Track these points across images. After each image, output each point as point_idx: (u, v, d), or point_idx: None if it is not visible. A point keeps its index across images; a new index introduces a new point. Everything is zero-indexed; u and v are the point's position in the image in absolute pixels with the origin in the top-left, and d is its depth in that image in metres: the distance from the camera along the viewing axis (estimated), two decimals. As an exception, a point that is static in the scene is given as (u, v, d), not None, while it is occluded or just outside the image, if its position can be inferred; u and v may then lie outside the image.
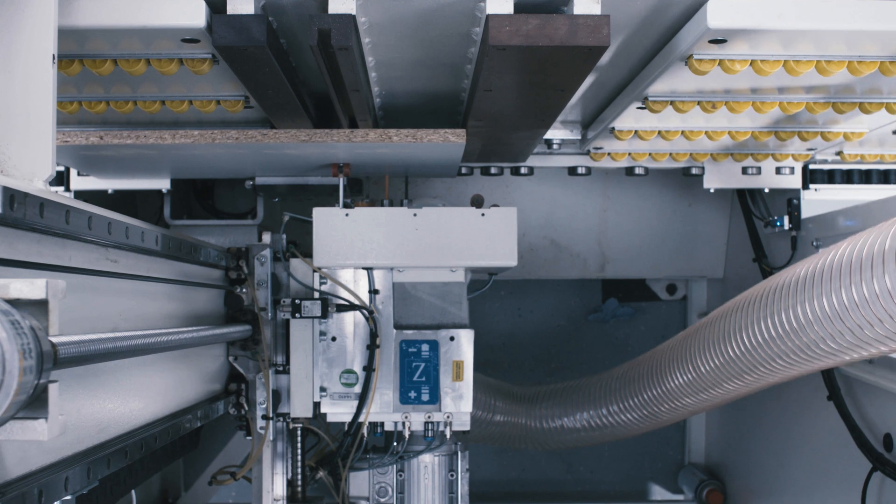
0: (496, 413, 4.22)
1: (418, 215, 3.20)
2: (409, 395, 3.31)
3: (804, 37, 2.44)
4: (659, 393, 3.51)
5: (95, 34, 2.39)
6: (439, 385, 3.29)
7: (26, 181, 1.98)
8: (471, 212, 3.21)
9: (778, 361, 2.71)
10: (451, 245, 3.20)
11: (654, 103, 3.05)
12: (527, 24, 2.25)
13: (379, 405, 3.30)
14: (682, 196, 4.85)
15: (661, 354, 3.52)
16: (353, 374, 3.32)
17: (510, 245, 3.21)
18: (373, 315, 3.30)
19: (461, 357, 3.31)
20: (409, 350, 3.31)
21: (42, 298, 1.47)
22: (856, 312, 2.27)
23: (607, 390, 3.93)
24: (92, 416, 2.15)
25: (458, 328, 3.30)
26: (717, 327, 3.00)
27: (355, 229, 3.21)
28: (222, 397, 3.35)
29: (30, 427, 1.47)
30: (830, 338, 2.41)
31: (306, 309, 3.24)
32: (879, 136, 3.65)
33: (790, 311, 2.54)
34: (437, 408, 3.30)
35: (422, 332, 3.32)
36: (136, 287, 2.50)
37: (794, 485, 4.18)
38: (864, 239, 2.27)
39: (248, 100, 3.01)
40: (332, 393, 3.34)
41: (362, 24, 2.44)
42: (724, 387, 3.10)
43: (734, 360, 2.90)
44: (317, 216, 3.21)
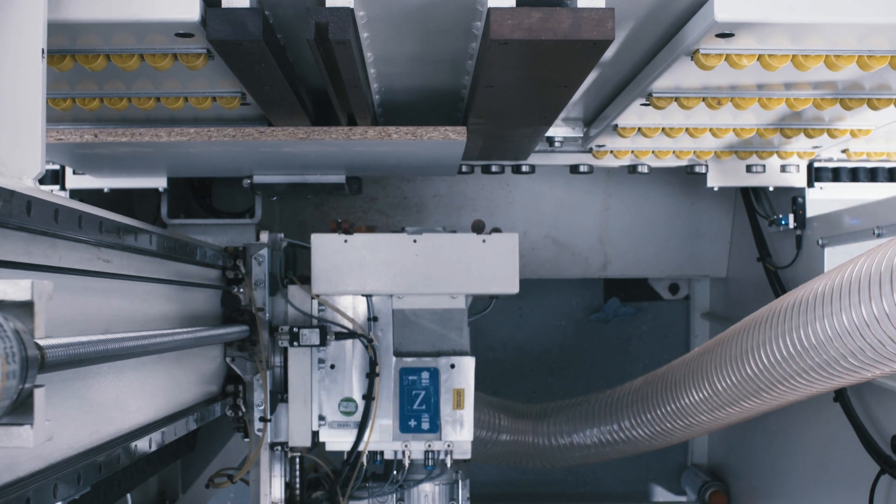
0: (502, 432, 4.17)
1: (418, 241, 3.19)
2: (409, 424, 3.29)
3: (814, 30, 2.39)
4: (673, 409, 3.46)
5: (87, 28, 2.34)
6: (440, 413, 3.28)
7: (15, 179, 1.94)
8: (471, 238, 3.20)
9: (797, 379, 2.66)
10: (451, 272, 3.19)
11: (659, 100, 3.00)
12: (529, 17, 2.20)
13: (378, 433, 3.30)
14: (685, 194, 4.81)
15: (675, 370, 3.47)
16: (352, 403, 3.31)
17: (511, 272, 3.20)
18: (372, 343, 3.28)
19: (462, 385, 3.29)
20: (409, 378, 3.30)
21: (27, 300, 1.42)
22: (875, 328, 2.23)
23: (619, 406, 3.88)
24: (83, 420, 2.10)
25: (459, 355, 3.29)
26: (735, 344, 2.96)
27: (354, 256, 3.20)
28: (219, 399, 3.30)
29: (14, 433, 1.43)
30: (851, 354, 2.37)
31: (304, 337, 3.23)
32: (886, 133, 3.60)
33: (808, 328, 2.50)
34: (438, 436, 3.28)
35: (422, 359, 3.31)
36: (130, 287, 2.46)
37: (799, 487, 4.14)
38: (880, 253, 2.24)
39: (245, 96, 2.96)
40: (331, 421, 3.32)
41: (360, 17, 2.40)
42: (740, 405, 3.06)
43: (752, 377, 2.86)
44: (315, 242, 3.21)
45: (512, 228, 4.73)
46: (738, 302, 4.88)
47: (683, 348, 5.49)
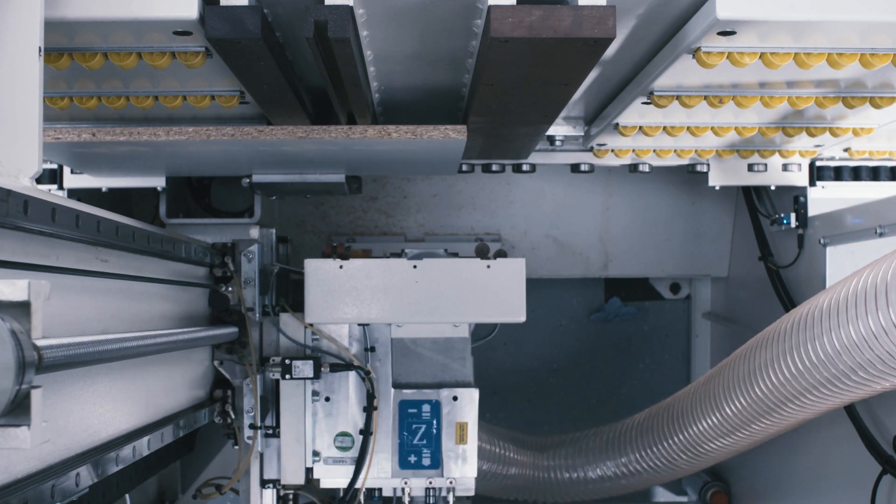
0: (510, 465, 4.05)
1: (418, 267, 3.05)
2: (408, 460, 3.15)
3: (816, 28, 2.37)
4: (681, 440, 3.43)
5: (85, 26, 2.32)
6: (441, 448, 3.14)
7: (12, 178, 1.93)
8: (475, 263, 3.06)
9: (808, 396, 2.65)
10: (453, 299, 3.04)
11: (660, 98, 2.99)
12: (530, 15, 2.18)
13: (377, 470, 3.15)
14: (687, 194, 4.80)
15: (681, 400, 3.44)
16: (348, 437, 3.17)
17: (518, 299, 3.08)
18: (369, 375, 3.14)
19: (465, 418, 3.15)
20: (409, 411, 3.16)
21: (24, 300, 1.41)
22: (884, 339, 2.22)
23: (625, 439, 3.84)
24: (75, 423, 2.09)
25: (462, 387, 3.16)
26: (742, 365, 2.94)
27: (350, 283, 3.04)
28: (207, 404, 3.19)
29: (11, 435, 1.42)
30: (861, 367, 2.36)
31: (297, 370, 3.08)
32: (888, 131, 3.59)
33: (815, 342, 2.50)
34: (440, 473, 3.15)
35: (422, 391, 3.17)
36: (127, 287, 2.44)
37: (800, 487, 4.12)
38: (885, 264, 2.24)
39: (244, 95, 2.94)
40: (326, 457, 3.17)
41: (360, 15, 2.38)
42: (750, 428, 3.04)
43: (761, 398, 2.85)
44: (309, 268, 3.05)
45: (512, 228, 4.73)
46: (739, 301, 4.87)
47: (685, 348, 5.48)
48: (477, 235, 4.63)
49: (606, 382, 5.50)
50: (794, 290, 4.06)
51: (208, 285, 3.20)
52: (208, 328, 2.97)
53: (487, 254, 3.12)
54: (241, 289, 3.21)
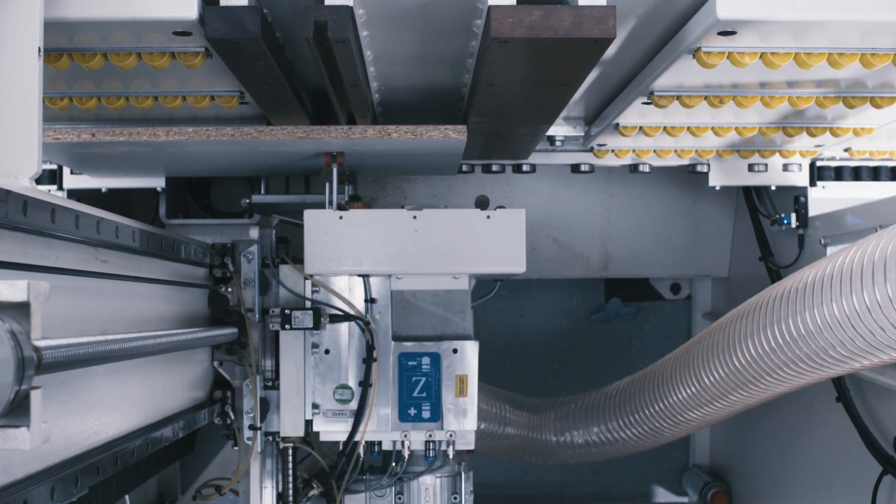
0: (507, 425, 4.05)
1: (418, 217, 3.00)
2: (408, 413, 3.11)
3: (816, 28, 2.37)
4: (661, 408, 3.43)
5: (84, 27, 2.32)
6: (441, 401, 3.10)
7: (11, 179, 1.92)
8: (475, 214, 3.02)
9: (785, 370, 2.64)
10: (453, 250, 3.00)
11: (660, 98, 2.99)
12: (530, 15, 2.18)
13: (376, 423, 3.11)
14: (687, 194, 4.80)
15: (662, 368, 3.44)
16: (348, 390, 3.12)
17: (518, 249, 3.01)
18: (369, 326, 3.09)
19: (465, 371, 3.11)
20: (409, 363, 3.11)
21: (23, 301, 1.41)
22: (866, 317, 2.22)
23: (613, 403, 3.84)
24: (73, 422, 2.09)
25: (462, 339, 3.11)
26: (722, 336, 2.92)
27: (350, 233, 3.00)
28: (206, 405, 3.16)
29: (11, 435, 1.41)
30: (840, 344, 2.35)
31: (297, 320, 3.03)
32: (888, 131, 3.59)
33: (797, 318, 2.48)
34: (439, 426, 3.11)
35: (422, 343, 3.12)
36: (127, 288, 2.44)
37: (801, 488, 4.12)
38: (873, 243, 2.23)
39: (244, 95, 2.94)
40: (326, 410, 3.12)
41: (360, 16, 2.38)
42: (728, 398, 3.03)
43: (740, 369, 2.83)
44: (308, 219, 3.01)
45: (512, 228, 4.71)
46: (739, 301, 4.82)
47: (685, 348, 5.47)
48: None
49: (607, 383, 5.44)
50: (795, 290, 4.06)
51: (208, 286, 3.18)
52: (208, 329, 2.95)
53: (487, 205, 3.06)
54: (241, 289, 3.17)
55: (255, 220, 4.18)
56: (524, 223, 3.03)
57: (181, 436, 2.82)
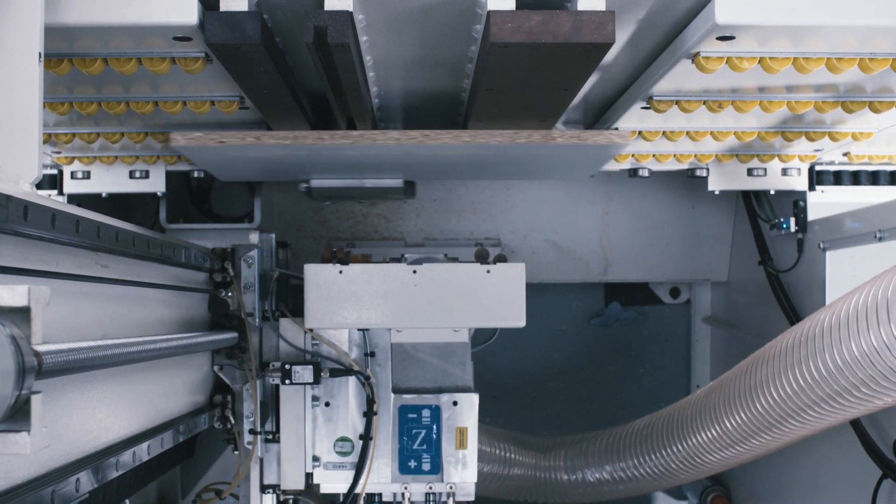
0: (513, 467, 4.04)
1: (418, 272, 3.01)
2: (408, 465, 3.15)
3: (815, 33, 2.38)
4: (680, 449, 3.43)
5: (84, 32, 2.32)
6: (441, 453, 3.13)
7: (12, 184, 1.93)
8: (475, 268, 3.03)
9: (809, 412, 2.66)
10: (453, 304, 3.01)
11: (660, 103, 2.99)
12: (529, 20, 2.18)
13: (377, 475, 3.14)
14: (686, 198, 4.80)
15: (682, 410, 3.43)
16: (348, 443, 3.16)
17: (518, 304, 3.04)
18: (369, 380, 3.12)
19: (465, 423, 3.15)
20: (409, 416, 3.15)
21: (24, 306, 1.41)
22: (887, 355, 2.22)
23: (629, 443, 3.83)
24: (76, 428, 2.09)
25: (462, 392, 3.15)
26: (744, 380, 2.94)
27: (350, 288, 3.01)
28: (207, 410, 3.18)
29: (11, 440, 1.42)
30: (863, 383, 2.36)
31: (297, 374, 3.07)
32: (887, 136, 3.59)
33: (818, 358, 2.50)
34: (440, 478, 3.14)
35: (422, 396, 3.16)
36: (127, 292, 2.44)
37: (800, 492, 4.12)
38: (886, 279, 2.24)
39: (244, 100, 2.95)
40: (326, 462, 3.16)
41: (359, 21, 2.38)
42: (750, 442, 3.04)
43: (762, 413, 2.85)
44: (308, 273, 3.02)
45: (512, 232, 4.72)
46: (739, 306, 4.86)
47: (685, 352, 5.47)
48: (477, 240, 4.63)
49: (606, 387, 5.49)
50: (794, 294, 4.06)
51: (208, 290, 3.19)
52: (208, 333, 2.96)
53: (487, 258, 3.07)
54: (241, 294, 3.19)
55: (254, 224, 4.19)
56: (524, 277, 3.07)
57: (181, 440, 2.83)
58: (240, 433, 3.24)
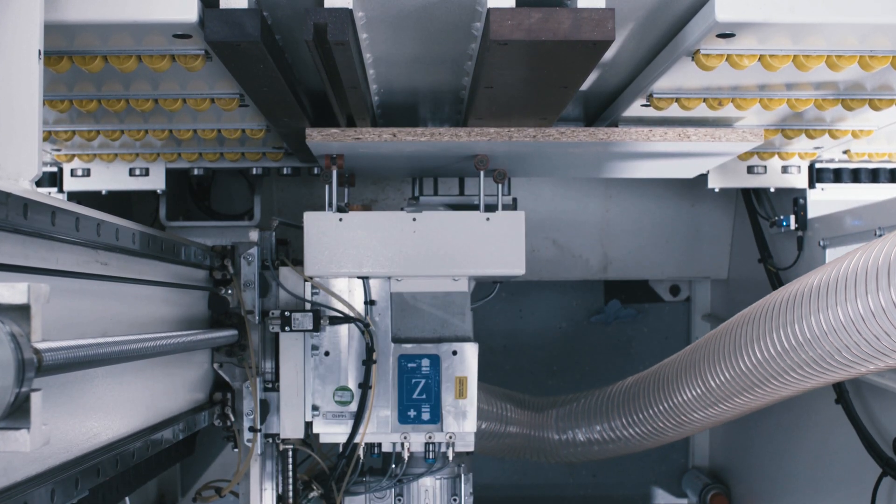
0: (509, 424, 4.05)
1: (417, 220, 3.01)
2: (408, 414, 3.12)
3: (815, 31, 2.37)
4: (666, 408, 3.43)
5: (84, 29, 2.32)
6: (441, 403, 3.11)
7: (11, 181, 1.93)
8: (474, 216, 3.03)
9: (791, 374, 2.64)
10: (453, 252, 3.01)
11: (659, 100, 2.99)
12: (529, 18, 2.18)
13: (376, 425, 3.11)
14: (686, 196, 4.80)
15: (667, 368, 3.44)
16: (347, 392, 3.12)
17: (518, 252, 3.01)
18: (369, 328, 3.09)
19: (465, 373, 3.12)
20: (409, 365, 3.12)
21: (24, 303, 1.41)
22: (871, 322, 2.22)
23: (616, 402, 3.84)
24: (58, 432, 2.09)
25: (462, 341, 3.12)
26: (728, 339, 2.93)
27: (349, 235, 3.01)
28: (206, 407, 3.17)
29: (11, 438, 1.42)
30: (845, 349, 2.36)
31: (297, 322, 3.04)
32: (887, 133, 3.59)
33: (803, 322, 2.48)
34: (439, 427, 3.11)
35: (422, 345, 3.13)
36: (127, 290, 2.44)
37: (800, 489, 4.12)
38: (876, 248, 2.23)
39: (243, 98, 2.94)
40: (326, 412, 3.13)
41: (359, 18, 2.38)
42: (733, 401, 3.03)
43: (746, 373, 2.83)
44: (308, 221, 3.02)
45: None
46: (739, 303, 4.84)
47: (684, 350, 5.47)
48: None
49: (606, 384, 5.49)
50: (794, 292, 4.06)
51: (208, 288, 3.18)
52: (208, 331, 2.94)
53: (487, 163, 3.05)
54: (241, 291, 3.17)
55: (254, 221, 4.19)
56: (524, 225, 3.03)
57: (181, 438, 2.82)
58: (239, 431, 3.22)
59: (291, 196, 4.65)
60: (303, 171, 3.93)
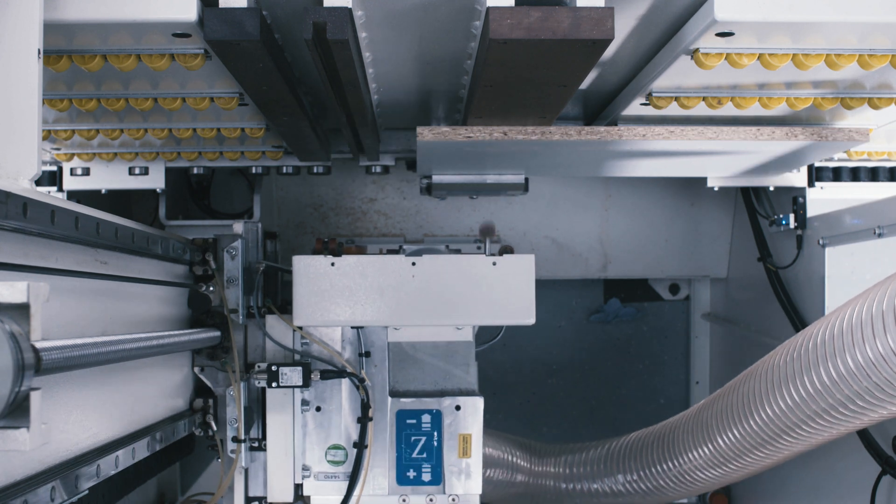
0: (518, 472, 3.93)
1: (417, 264, 2.78)
2: (407, 475, 2.94)
3: (814, 29, 2.38)
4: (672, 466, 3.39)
5: (84, 28, 2.32)
6: (443, 462, 2.92)
7: (11, 180, 1.93)
8: (479, 260, 2.79)
9: (803, 428, 2.65)
10: (456, 299, 2.77)
11: (659, 99, 2.99)
12: (528, 16, 2.18)
13: (372, 486, 2.93)
14: (686, 195, 4.80)
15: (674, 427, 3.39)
16: (341, 451, 2.94)
17: (527, 299, 2.80)
18: (364, 383, 2.89)
19: (469, 429, 2.94)
20: (408, 421, 2.94)
21: (23, 302, 1.41)
22: (883, 366, 2.22)
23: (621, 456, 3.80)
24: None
25: (466, 395, 2.95)
26: (736, 396, 2.90)
27: (343, 282, 2.77)
28: (186, 415, 2.96)
29: (11, 437, 1.42)
30: (858, 396, 2.36)
31: (284, 377, 2.83)
32: (886, 132, 3.59)
33: (812, 372, 2.49)
34: (441, 489, 2.93)
35: (422, 400, 2.94)
36: (127, 289, 2.44)
37: (800, 488, 4.12)
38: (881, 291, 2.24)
39: (243, 97, 2.94)
40: (317, 472, 2.95)
41: (359, 17, 2.38)
42: (743, 459, 3.01)
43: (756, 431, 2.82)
44: (297, 266, 2.78)
45: (511, 229, 4.72)
46: (738, 302, 4.87)
47: (684, 349, 5.48)
48: (476, 237, 4.61)
49: (606, 383, 5.50)
50: (794, 290, 4.06)
51: (188, 284, 2.97)
52: (187, 332, 2.74)
53: (493, 233, 2.90)
54: (224, 288, 2.96)
55: (254, 220, 4.18)
56: (533, 270, 2.83)
57: (158, 448, 2.63)
58: (222, 441, 3.02)
59: (291, 195, 4.65)
60: (302, 169, 3.93)
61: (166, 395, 2.83)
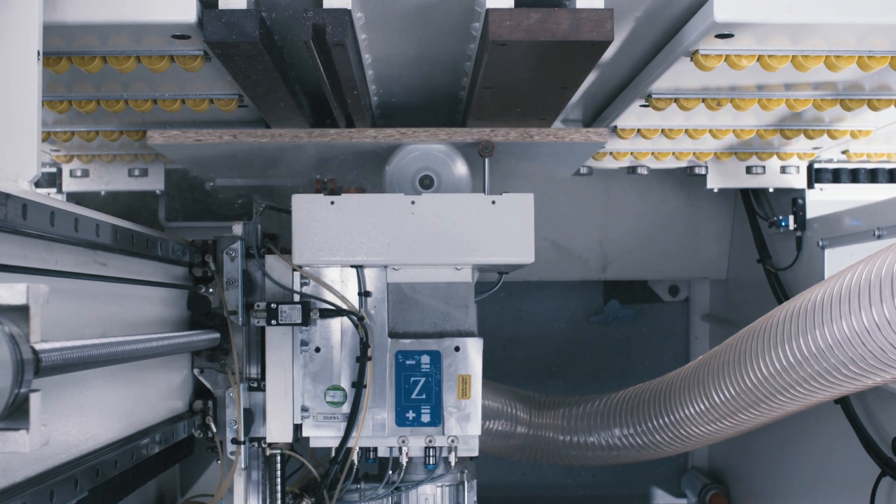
0: (519, 424, 3.92)
1: (417, 202, 2.73)
2: (406, 416, 2.87)
3: (813, 31, 2.38)
4: (667, 422, 3.41)
5: (83, 30, 2.32)
6: (442, 403, 2.87)
7: (10, 182, 1.93)
8: (479, 199, 2.75)
9: (797, 389, 2.64)
10: (455, 238, 2.74)
11: (658, 101, 2.99)
12: (528, 18, 2.18)
13: (371, 427, 2.87)
14: (685, 196, 4.80)
15: (671, 383, 3.41)
16: (340, 391, 2.87)
17: (526, 238, 2.75)
18: (363, 321, 2.84)
19: (468, 370, 2.91)
20: (407, 362, 2.88)
21: (23, 304, 1.41)
22: (876, 335, 2.22)
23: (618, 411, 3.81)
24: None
25: (465, 336, 2.90)
26: (732, 355, 2.91)
27: (342, 220, 2.73)
28: (186, 417, 2.93)
29: (10, 438, 1.42)
30: (852, 362, 2.36)
31: (284, 314, 2.78)
32: (886, 134, 3.59)
33: (808, 336, 2.48)
34: (440, 430, 2.87)
35: (422, 341, 2.89)
36: (127, 291, 2.44)
37: (800, 489, 4.12)
38: (879, 260, 2.24)
39: (242, 98, 2.95)
40: (316, 413, 2.88)
41: (358, 19, 2.38)
42: (737, 417, 3.01)
43: (751, 389, 2.82)
44: (296, 204, 2.75)
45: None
46: (738, 304, 4.87)
47: (683, 350, 5.48)
48: None
49: (605, 385, 5.49)
50: (793, 292, 4.06)
51: (188, 286, 2.96)
52: (187, 333, 2.71)
53: (492, 150, 2.81)
54: (224, 290, 2.93)
55: (254, 221, 4.17)
56: (533, 209, 2.79)
57: (157, 451, 2.62)
58: (222, 442, 2.97)
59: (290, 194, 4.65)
60: (302, 170, 3.93)
61: (166, 396, 2.82)
